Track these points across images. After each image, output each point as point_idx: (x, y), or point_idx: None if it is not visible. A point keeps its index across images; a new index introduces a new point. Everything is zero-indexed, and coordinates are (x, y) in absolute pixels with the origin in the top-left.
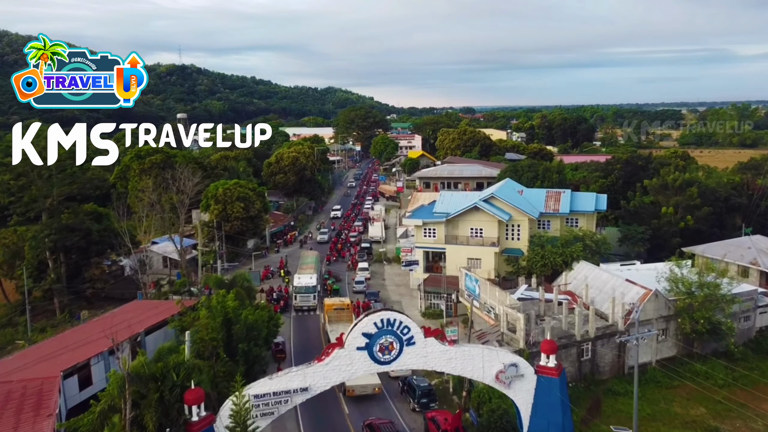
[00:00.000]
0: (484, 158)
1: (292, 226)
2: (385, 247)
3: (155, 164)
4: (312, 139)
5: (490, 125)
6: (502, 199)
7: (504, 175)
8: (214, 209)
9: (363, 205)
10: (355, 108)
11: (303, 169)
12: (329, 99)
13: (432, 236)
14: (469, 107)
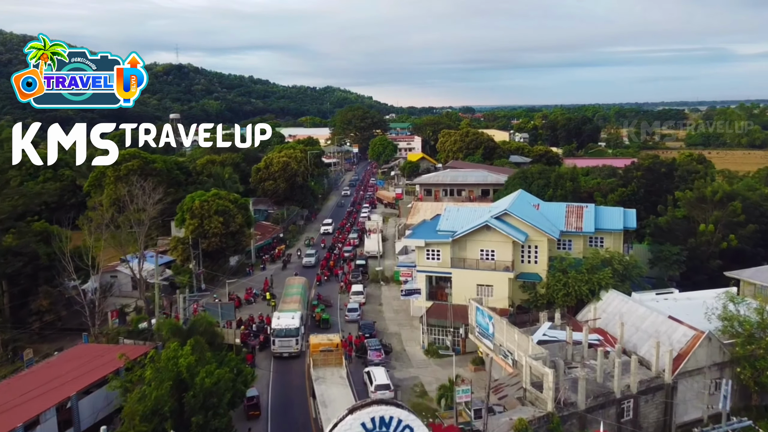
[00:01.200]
0: (488, 161)
1: (281, 238)
2: (382, 263)
3: (132, 171)
4: (306, 142)
5: (491, 125)
6: (516, 216)
7: (512, 182)
8: (190, 224)
9: (359, 213)
10: (353, 108)
11: (294, 175)
12: (328, 98)
13: (436, 258)
14: (468, 107)
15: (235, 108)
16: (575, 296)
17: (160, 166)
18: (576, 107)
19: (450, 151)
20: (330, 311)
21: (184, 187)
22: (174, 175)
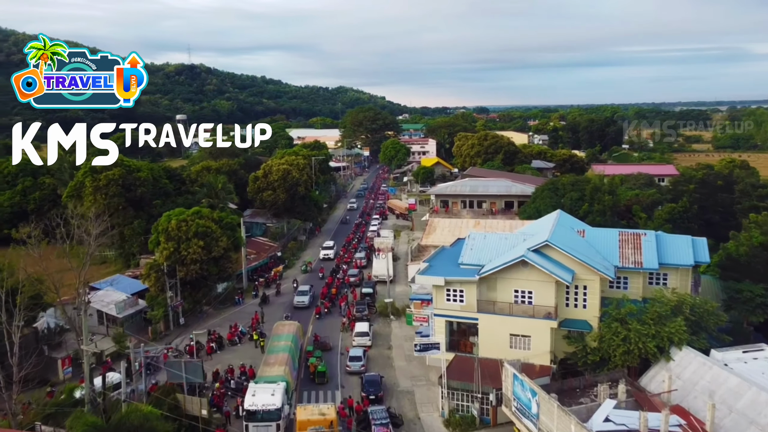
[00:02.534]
0: (508, 167)
1: (279, 258)
2: (392, 291)
3: (112, 181)
4: (312, 146)
5: (507, 126)
6: (560, 248)
7: (540, 194)
8: (164, 249)
9: (368, 226)
10: (364, 108)
11: (295, 185)
12: (340, 99)
13: (459, 300)
14: (482, 107)
15: (246, 108)
16: (638, 354)
17: (145, 175)
18: (592, 107)
19: (467, 156)
20: (329, 356)
21: (172, 197)
22: (162, 184)
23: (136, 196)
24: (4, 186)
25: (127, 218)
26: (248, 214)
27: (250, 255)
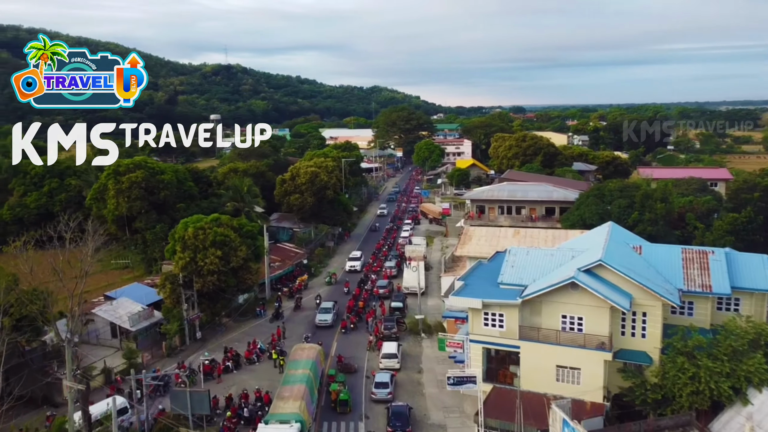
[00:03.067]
0: (547, 169)
1: (305, 266)
2: (423, 305)
3: (135, 183)
4: (343, 146)
5: (544, 126)
6: (615, 268)
7: (585, 201)
8: (180, 259)
9: (399, 231)
10: (397, 108)
11: (324, 188)
12: (374, 98)
13: (498, 325)
14: (518, 106)
15: (281, 108)
16: (709, 395)
17: (169, 178)
18: (633, 107)
19: (504, 158)
20: (353, 379)
21: (197, 201)
22: (186, 187)
23: (159, 200)
24: (31, 188)
25: (149, 222)
26: (275, 218)
27: (274, 263)
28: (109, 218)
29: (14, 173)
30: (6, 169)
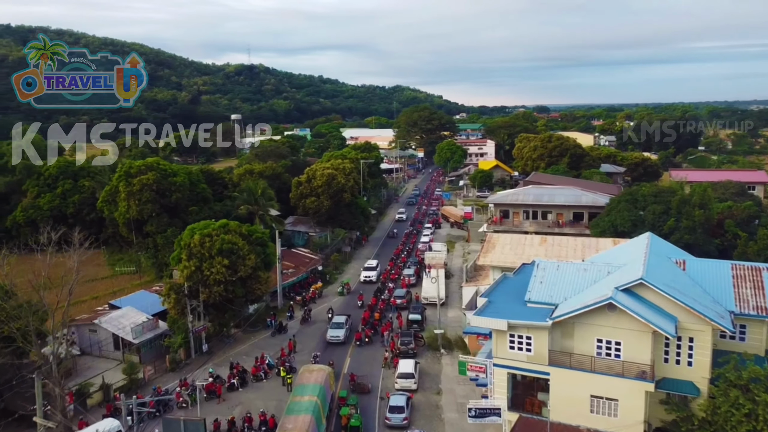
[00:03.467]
0: (574, 171)
1: (320, 272)
2: (444, 314)
3: (146, 186)
4: (363, 147)
5: (569, 126)
6: (658, 288)
7: (617, 206)
8: (185, 268)
9: (419, 236)
10: (418, 108)
11: (341, 191)
12: (396, 98)
13: (525, 348)
14: (542, 106)
15: (303, 108)
16: None
17: (182, 180)
18: (661, 106)
19: (529, 159)
20: (366, 401)
21: (210, 203)
22: (200, 189)
23: (171, 203)
24: (45, 189)
25: (160, 225)
26: (290, 221)
27: (287, 269)
28: (120, 221)
29: (28, 174)
30: (20, 170)
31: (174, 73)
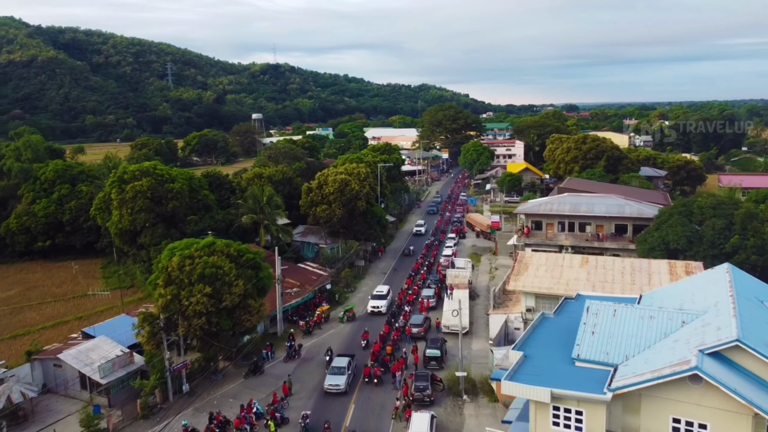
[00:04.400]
0: (611, 175)
1: (328, 291)
2: (467, 347)
3: (139, 193)
4: (382, 148)
5: (600, 126)
6: (760, 353)
7: (668, 219)
8: (161, 297)
9: (442, 246)
10: (443, 107)
11: (354, 199)
12: (422, 97)
13: (573, 425)
14: (571, 104)
15: (327, 107)
16: None
17: (180, 187)
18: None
19: (561, 162)
20: None
21: (212, 212)
22: (201, 197)
23: (167, 211)
24: (41, 194)
25: (155, 237)
26: (299, 231)
27: (290, 288)
28: (112, 231)
29: (25, 178)
30: (16, 173)
31: (200, 72)
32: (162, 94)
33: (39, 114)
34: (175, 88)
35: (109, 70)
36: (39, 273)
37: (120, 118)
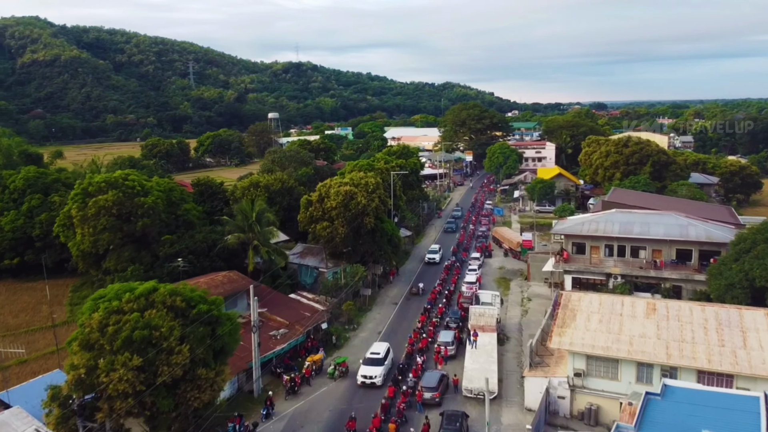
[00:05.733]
0: (657, 182)
1: (325, 332)
2: (496, 420)
3: (103, 209)
4: (399, 151)
5: (634, 125)
6: None
7: (752, 246)
8: (72, 369)
9: (463, 270)
10: (467, 105)
11: (361, 214)
12: (446, 95)
13: None
14: (599, 102)
15: (349, 105)
16: None
17: (153, 201)
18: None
19: (600, 167)
20: None
21: (194, 230)
22: (181, 212)
23: (137, 231)
24: (10, 205)
25: (121, 261)
26: (297, 252)
27: (278, 328)
28: (74, 252)
29: None
30: None
31: (222, 71)
32: (183, 93)
33: (60, 113)
34: (196, 87)
35: (132, 69)
36: (2, 296)
37: (141, 117)
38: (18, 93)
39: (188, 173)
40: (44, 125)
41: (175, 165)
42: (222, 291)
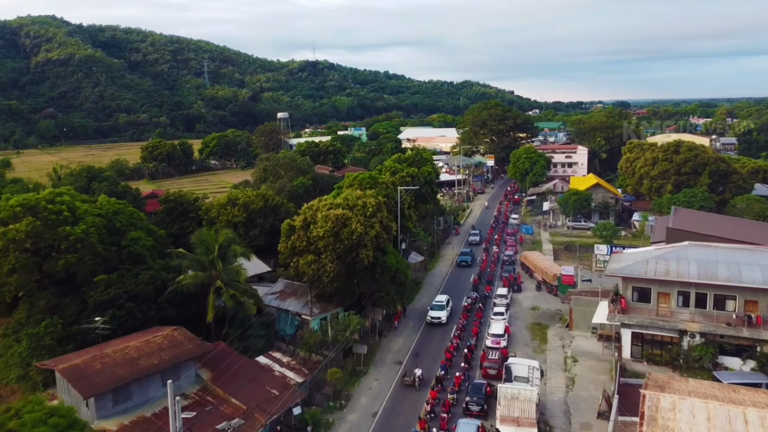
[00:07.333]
0: (716, 196)
1: (298, 418)
2: None
3: (12, 243)
4: (411, 159)
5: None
6: None
7: None
8: None
9: (486, 312)
10: (488, 104)
11: (356, 246)
12: (465, 93)
13: None
14: (622, 101)
15: (366, 104)
16: None
17: (83, 230)
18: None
19: (645, 176)
20: None
21: (141, 265)
22: (127, 242)
23: (59, 270)
24: None
25: (35, 311)
26: (277, 291)
27: (231, 417)
28: None
29: None
30: None
31: (237, 70)
32: (197, 92)
33: (73, 112)
34: (211, 86)
35: (147, 68)
36: None
37: (153, 117)
38: (32, 92)
39: (191, 176)
40: (55, 125)
41: (177, 168)
42: (158, 360)
